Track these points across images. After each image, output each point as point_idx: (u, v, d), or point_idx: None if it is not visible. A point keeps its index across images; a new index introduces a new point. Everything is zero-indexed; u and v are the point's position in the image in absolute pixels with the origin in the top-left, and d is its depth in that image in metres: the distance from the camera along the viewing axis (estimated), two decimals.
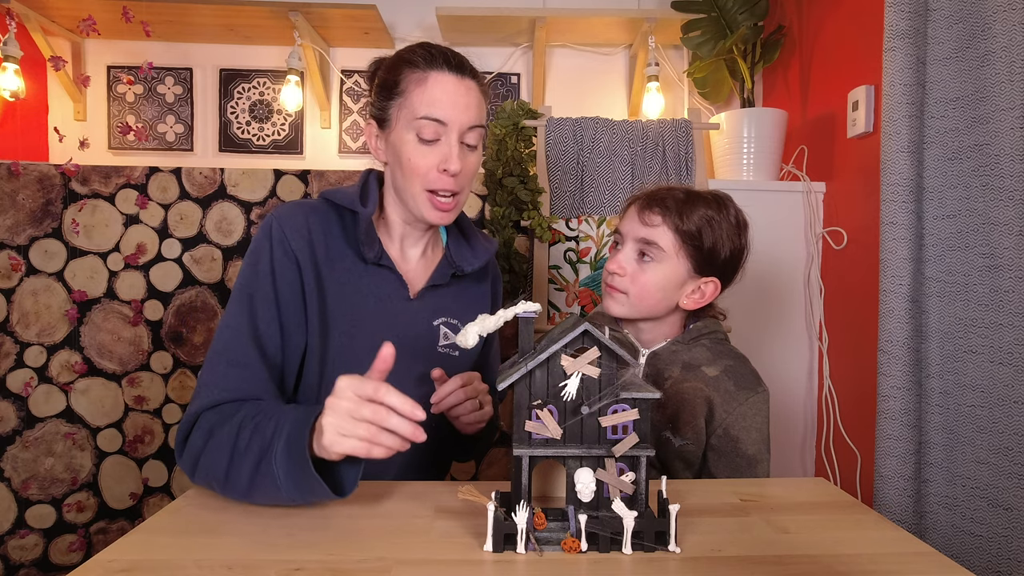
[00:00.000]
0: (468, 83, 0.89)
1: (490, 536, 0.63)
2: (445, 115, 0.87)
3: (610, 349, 0.64)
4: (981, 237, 1.05)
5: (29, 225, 1.68)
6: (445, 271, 1.00)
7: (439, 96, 0.87)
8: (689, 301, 1.00)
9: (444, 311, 1.00)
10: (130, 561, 0.62)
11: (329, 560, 0.62)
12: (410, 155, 0.89)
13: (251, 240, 0.92)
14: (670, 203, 0.97)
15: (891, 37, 1.12)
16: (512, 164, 1.67)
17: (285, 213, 0.93)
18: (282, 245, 0.90)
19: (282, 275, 0.89)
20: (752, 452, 0.95)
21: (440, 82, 0.88)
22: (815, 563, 0.62)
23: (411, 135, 0.88)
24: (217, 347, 0.86)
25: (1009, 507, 1.01)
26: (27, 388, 1.66)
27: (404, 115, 0.89)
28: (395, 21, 2.07)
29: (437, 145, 0.89)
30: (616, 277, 1.00)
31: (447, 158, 0.88)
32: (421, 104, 0.87)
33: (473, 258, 1.02)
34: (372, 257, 0.93)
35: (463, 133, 0.89)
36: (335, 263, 0.93)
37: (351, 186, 0.98)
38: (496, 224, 1.70)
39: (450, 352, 1.00)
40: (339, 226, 0.95)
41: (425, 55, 0.89)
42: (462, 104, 0.88)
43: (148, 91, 2.09)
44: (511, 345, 1.79)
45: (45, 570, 1.68)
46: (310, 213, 0.94)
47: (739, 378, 0.97)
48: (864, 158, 1.52)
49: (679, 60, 2.15)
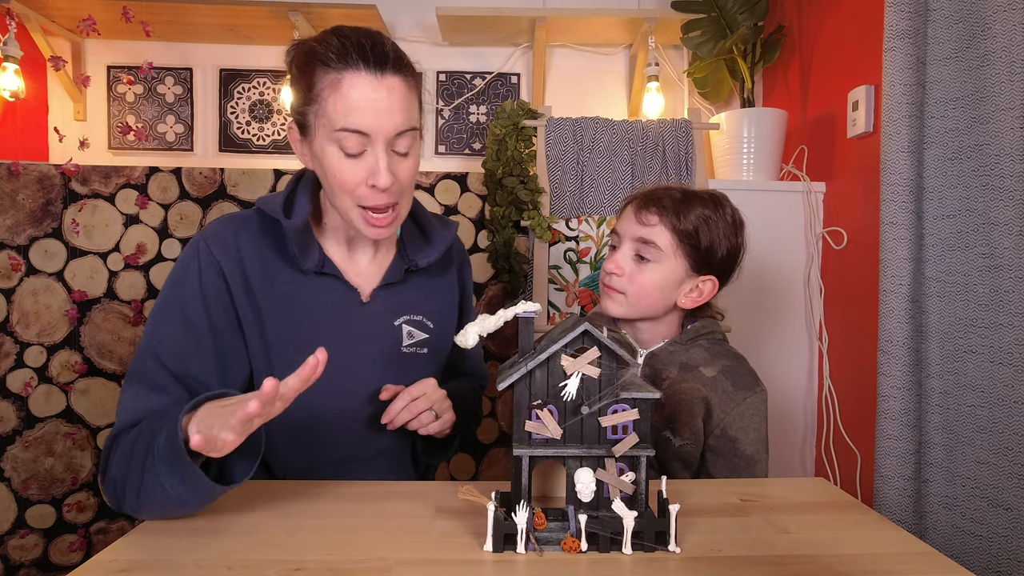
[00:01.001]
0: (391, 81, 0.78)
1: (490, 536, 0.63)
2: (366, 125, 0.77)
3: (610, 349, 0.64)
4: (981, 237, 1.05)
5: (29, 225, 1.68)
6: (398, 268, 0.94)
7: (357, 103, 0.76)
8: (687, 300, 1.01)
9: (405, 309, 0.95)
10: (130, 561, 0.62)
11: (329, 560, 0.62)
12: (334, 170, 0.80)
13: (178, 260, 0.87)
14: (667, 203, 0.97)
15: (891, 37, 1.12)
16: (512, 164, 1.67)
17: (213, 233, 0.86)
18: (212, 268, 0.84)
19: (215, 299, 0.83)
20: (750, 452, 0.95)
21: (356, 85, 0.77)
22: (815, 563, 0.62)
23: (333, 147, 0.79)
24: (134, 370, 0.80)
25: (1009, 507, 1.01)
26: (27, 388, 1.66)
27: (322, 124, 0.79)
28: (395, 21, 2.07)
29: (363, 158, 0.79)
30: (614, 277, 1.00)
31: (374, 172, 0.79)
32: (338, 113, 0.77)
33: (430, 250, 0.96)
34: (311, 267, 0.87)
35: (390, 141, 0.80)
36: (274, 278, 0.87)
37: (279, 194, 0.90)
38: (496, 224, 1.70)
39: (417, 351, 0.96)
40: (274, 237, 0.88)
41: (338, 50, 0.77)
42: (384, 109, 0.77)
43: (148, 91, 2.09)
44: (511, 345, 1.79)
45: (45, 570, 1.68)
46: (240, 229, 0.87)
47: (737, 378, 0.97)
48: (864, 158, 1.52)
49: (679, 60, 2.15)
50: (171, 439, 0.65)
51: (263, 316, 0.86)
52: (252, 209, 0.91)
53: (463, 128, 2.14)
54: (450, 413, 0.92)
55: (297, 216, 0.86)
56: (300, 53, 0.82)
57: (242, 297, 0.84)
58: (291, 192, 0.90)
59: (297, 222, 0.85)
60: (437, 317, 0.99)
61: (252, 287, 0.85)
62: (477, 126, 2.14)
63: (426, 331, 0.97)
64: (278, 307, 0.86)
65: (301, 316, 0.87)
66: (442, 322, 1.00)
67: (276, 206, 0.86)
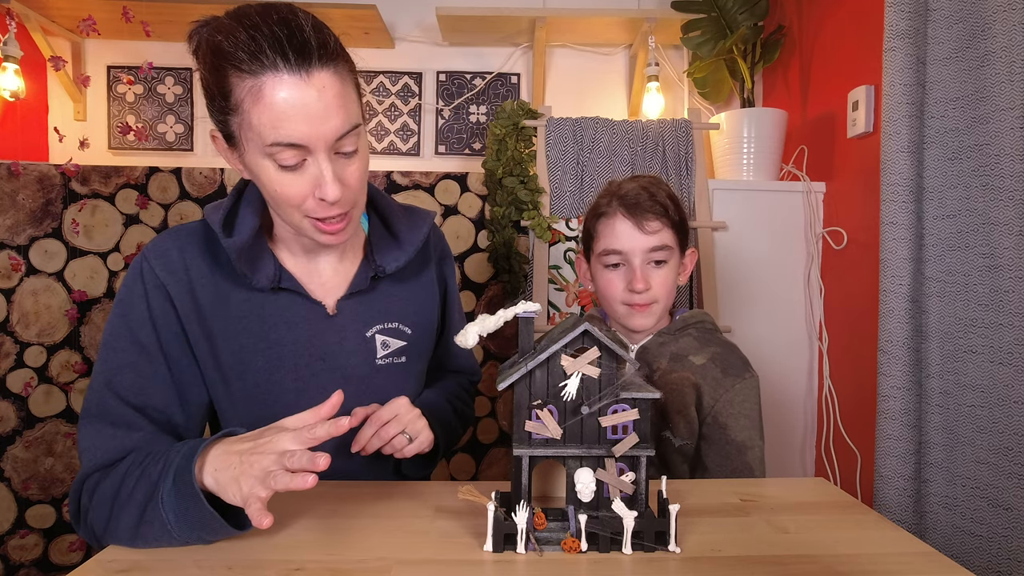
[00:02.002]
0: (320, 77, 0.66)
1: (490, 536, 0.63)
2: (300, 135, 0.66)
3: (610, 349, 0.64)
4: (981, 237, 1.05)
5: (29, 225, 1.68)
6: (364, 276, 0.86)
7: (284, 112, 0.65)
8: (683, 278, 1.06)
9: (378, 317, 0.87)
10: (130, 561, 0.62)
11: (329, 560, 0.62)
12: (275, 186, 0.70)
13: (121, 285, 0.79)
14: (655, 205, 0.98)
15: (891, 37, 1.12)
16: (512, 164, 1.67)
17: (156, 251, 0.78)
18: (158, 291, 0.76)
19: (165, 326, 0.77)
20: (741, 439, 0.95)
21: (280, 90, 0.65)
22: (815, 563, 0.62)
23: (267, 162, 0.69)
24: (91, 409, 0.73)
25: (1009, 507, 1.01)
26: (27, 388, 1.66)
27: (251, 138, 0.68)
28: (395, 21, 2.07)
29: (304, 169, 0.70)
30: (643, 294, 0.99)
31: (320, 184, 0.70)
32: (264, 126, 0.66)
33: (399, 252, 0.87)
34: (266, 283, 0.79)
35: (332, 146, 0.69)
36: (227, 298, 0.79)
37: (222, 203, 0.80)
38: (496, 224, 1.70)
39: (394, 361, 0.89)
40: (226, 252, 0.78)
41: (249, 47, 0.65)
42: (318, 114, 0.66)
43: (148, 91, 2.10)
44: (511, 345, 1.79)
45: (45, 570, 1.68)
46: (186, 246, 0.79)
47: (726, 365, 0.98)
48: (864, 158, 1.52)
49: (679, 60, 2.15)
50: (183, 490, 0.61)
51: (216, 341, 0.79)
52: (199, 221, 0.82)
53: (463, 128, 2.14)
54: (426, 433, 0.82)
55: (240, 232, 0.77)
56: (206, 49, 0.70)
57: (193, 323, 0.77)
58: (233, 205, 0.81)
59: (240, 240, 0.77)
60: (415, 320, 0.92)
61: (203, 310, 0.78)
62: (477, 126, 2.14)
63: (403, 338, 0.90)
64: (234, 330, 0.79)
65: (261, 338, 0.80)
66: (421, 325, 0.93)
67: (216, 222, 0.77)
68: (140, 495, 0.64)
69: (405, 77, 2.11)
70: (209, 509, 0.61)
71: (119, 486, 0.66)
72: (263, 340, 0.80)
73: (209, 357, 0.79)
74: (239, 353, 0.80)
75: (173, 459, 0.65)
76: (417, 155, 2.12)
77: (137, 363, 0.75)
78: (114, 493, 0.66)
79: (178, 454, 0.65)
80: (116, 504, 0.65)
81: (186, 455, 0.64)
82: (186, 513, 0.62)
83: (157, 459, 0.66)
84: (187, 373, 0.79)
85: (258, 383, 0.81)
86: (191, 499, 0.61)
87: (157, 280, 0.77)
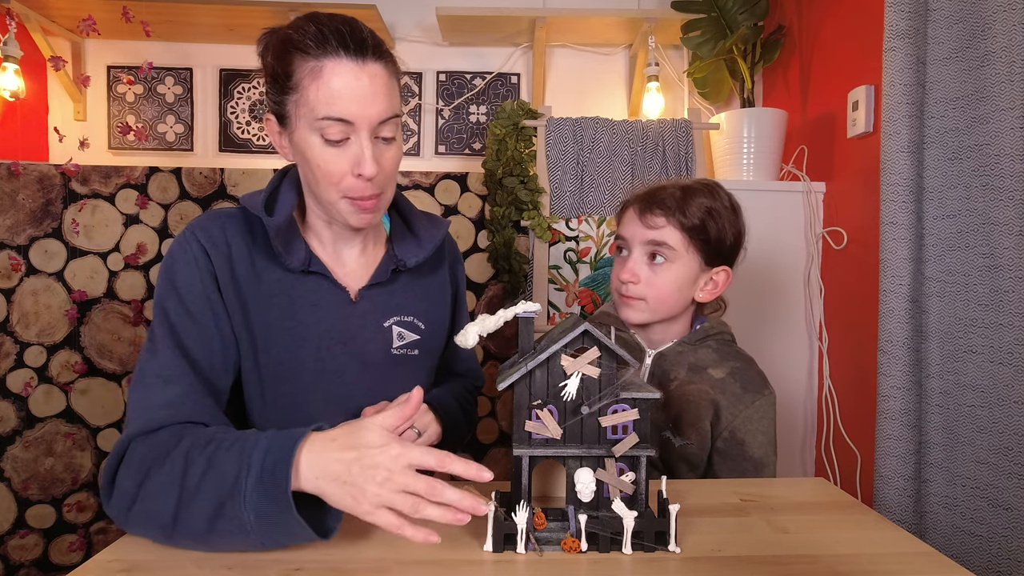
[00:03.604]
0: (372, 67, 0.77)
1: (490, 536, 0.63)
2: (350, 113, 0.76)
3: (610, 349, 0.64)
4: (981, 237, 1.05)
5: (29, 225, 1.68)
6: (386, 268, 0.92)
7: (339, 90, 0.75)
8: (704, 294, 1.01)
9: (395, 310, 0.93)
10: (130, 561, 0.62)
11: (329, 560, 0.62)
12: (318, 160, 0.78)
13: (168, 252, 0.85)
14: (669, 202, 0.96)
15: (891, 37, 1.12)
16: (512, 164, 1.67)
17: (200, 225, 0.84)
18: (200, 261, 0.82)
19: (207, 291, 0.82)
20: (759, 455, 0.95)
21: (338, 73, 0.75)
22: (815, 563, 0.62)
23: (315, 137, 0.78)
24: (144, 367, 0.76)
25: (1009, 507, 1.01)
26: (27, 388, 1.66)
27: (304, 114, 0.77)
28: (395, 21, 2.07)
29: (346, 146, 0.78)
30: (630, 286, 0.98)
31: (360, 161, 0.78)
32: (320, 102, 0.75)
33: (418, 249, 0.94)
34: (297, 265, 0.85)
35: (375, 129, 0.78)
36: (262, 276, 0.85)
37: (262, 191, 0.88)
38: (496, 224, 1.70)
39: (408, 352, 0.94)
40: (260, 235, 0.86)
41: (316, 37, 0.75)
42: (368, 97, 0.76)
43: (148, 91, 2.09)
44: (511, 345, 1.79)
45: (45, 570, 1.68)
46: (227, 225, 0.85)
47: (746, 380, 0.97)
48: (864, 158, 1.52)
49: (679, 60, 2.15)
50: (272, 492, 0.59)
51: (249, 313, 0.84)
52: (237, 207, 0.89)
53: (463, 128, 2.14)
54: (434, 427, 0.88)
55: (280, 213, 0.84)
56: (276, 41, 0.79)
57: (230, 291, 0.83)
58: (274, 189, 0.88)
59: (279, 219, 0.84)
60: (428, 317, 0.97)
61: (239, 282, 0.84)
62: (477, 126, 2.14)
63: (417, 332, 0.95)
64: (265, 305, 0.84)
65: (288, 316, 0.85)
66: (434, 322, 0.98)
67: (258, 203, 0.84)
68: (211, 488, 0.61)
69: (405, 77, 2.11)
70: (296, 517, 0.59)
71: (182, 476, 0.63)
72: (290, 318, 0.85)
73: (243, 327, 0.84)
74: (267, 328, 0.84)
75: (252, 453, 0.62)
76: (417, 155, 2.12)
77: (184, 325, 0.79)
78: (178, 483, 0.63)
79: (256, 448, 0.62)
80: (184, 495, 0.62)
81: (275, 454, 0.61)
82: (271, 517, 0.60)
83: (226, 448, 0.64)
84: (227, 336, 0.83)
85: (282, 359, 0.85)
86: (282, 504, 0.59)
87: (201, 249, 0.82)
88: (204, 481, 0.62)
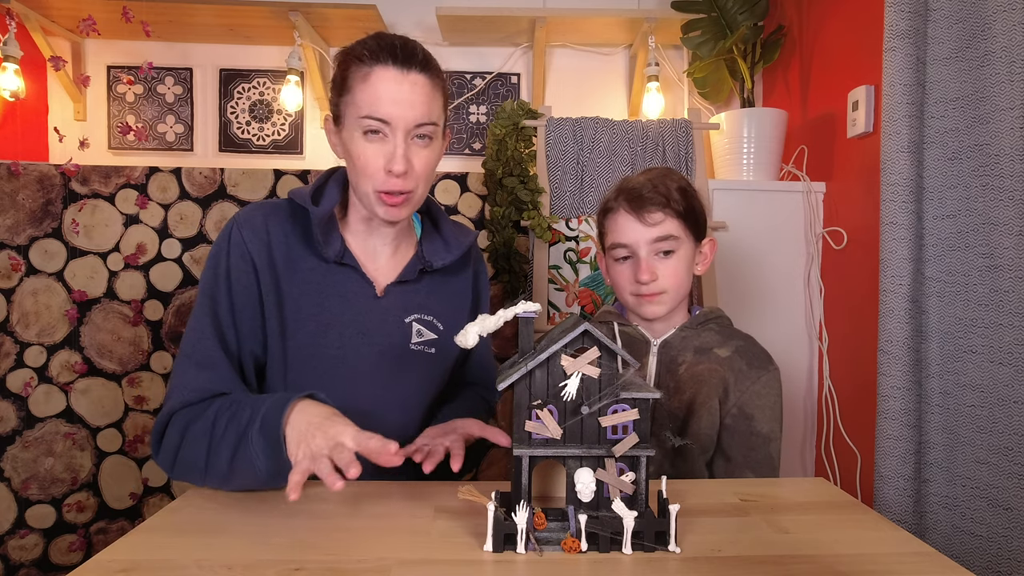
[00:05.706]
0: (415, 77, 0.85)
1: (490, 536, 0.63)
2: (387, 113, 0.84)
3: (610, 349, 0.64)
4: (981, 237, 1.05)
5: (29, 225, 1.68)
6: (414, 267, 0.98)
7: (381, 93, 0.84)
8: (700, 268, 1.06)
9: (417, 308, 0.99)
10: (130, 561, 0.62)
11: (329, 560, 0.62)
12: (357, 153, 0.87)
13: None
14: (656, 196, 0.98)
15: (891, 37, 1.12)
16: (512, 164, 1.67)
17: (245, 216, 0.93)
18: (239, 248, 0.90)
19: (238, 279, 0.89)
20: (766, 430, 0.97)
21: (383, 78, 0.84)
22: (815, 563, 0.62)
23: (358, 133, 0.86)
24: (185, 349, 0.87)
25: (1009, 507, 1.01)
26: (27, 388, 1.66)
27: (351, 112, 0.87)
28: (395, 21, 2.07)
29: (383, 143, 0.86)
30: (649, 285, 1.00)
31: (391, 158, 0.85)
32: (364, 102, 0.85)
33: (445, 252, 1.00)
34: (332, 256, 0.92)
35: (410, 131, 0.86)
36: (297, 264, 0.92)
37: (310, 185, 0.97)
38: (496, 224, 1.70)
39: (425, 349, 0.99)
40: (301, 225, 0.94)
41: (371, 48, 0.85)
42: (406, 101, 0.85)
43: (148, 91, 2.09)
44: (511, 345, 1.79)
45: (45, 570, 1.68)
46: (270, 215, 0.93)
47: (751, 357, 1.00)
48: (864, 158, 1.52)
49: (679, 60, 2.15)
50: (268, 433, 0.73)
51: (283, 297, 0.91)
52: (284, 199, 0.97)
53: (463, 128, 2.14)
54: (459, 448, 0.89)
55: (324, 205, 0.92)
56: (342, 52, 0.90)
57: (266, 274, 0.90)
58: (322, 184, 0.96)
59: (323, 210, 0.91)
60: (447, 320, 1.01)
61: (277, 268, 0.91)
62: (477, 126, 2.14)
63: (435, 332, 1.00)
64: (298, 291, 0.91)
65: (318, 302, 0.92)
66: (452, 326, 1.01)
67: (305, 195, 0.92)
68: (232, 436, 0.75)
69: None
70: (286, 456, 0.72)
71: (211, 427, 0.78)
72: (318, 306, 0.92)
73: (275, 309, 0.91)
74: (297, 313, 0.91)
75: (260, 407, 0.76)
76: None
77: (220, 312, 0.88)
78: (208, 433, 0.78)
79: (264, 403, 0.77)
80: (212, 443, 0.77)
81: (276, 404, 0.75)
82: (270, 454, 0.73)
83: (244, 406, 0.78)
84: (250, 322, 0.90)
85: (306, 344, 0.92)
86: (275, 443, 0.72)
87: (241, 240, 0.90)
88: (226, 431, 0.76)
